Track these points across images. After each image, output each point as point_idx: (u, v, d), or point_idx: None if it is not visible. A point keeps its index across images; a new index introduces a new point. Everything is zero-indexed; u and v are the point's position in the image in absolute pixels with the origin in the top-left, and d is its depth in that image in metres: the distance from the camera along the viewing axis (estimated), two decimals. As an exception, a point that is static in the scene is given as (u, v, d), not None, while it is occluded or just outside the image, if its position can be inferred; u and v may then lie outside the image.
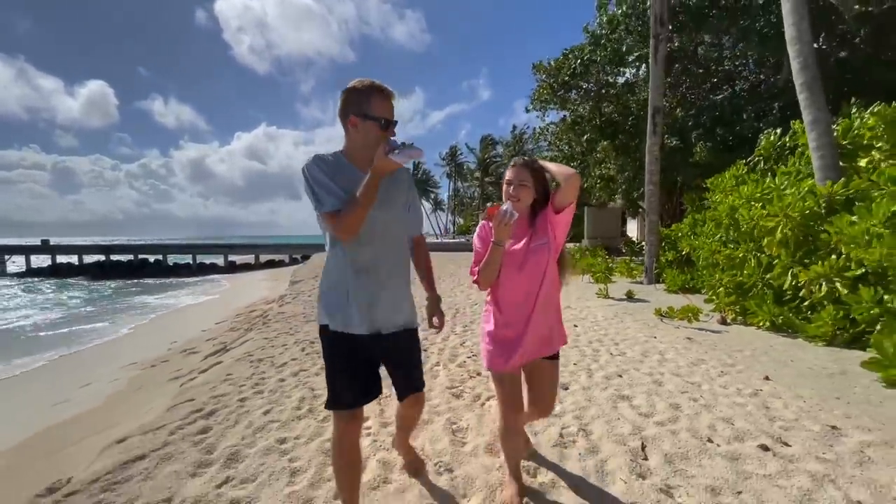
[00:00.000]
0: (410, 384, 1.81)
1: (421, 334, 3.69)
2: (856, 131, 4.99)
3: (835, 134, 5.10)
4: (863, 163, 5.12)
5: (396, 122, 1.62)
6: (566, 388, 3.43)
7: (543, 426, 2.75)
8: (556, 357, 1.96)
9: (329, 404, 1.68)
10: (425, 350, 4.61)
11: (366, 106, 1.56)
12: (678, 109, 11.24)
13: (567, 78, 11.38)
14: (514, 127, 47.06)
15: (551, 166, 1.83)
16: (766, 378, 3.55)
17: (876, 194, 4.36)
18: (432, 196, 60.85)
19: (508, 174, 1.84)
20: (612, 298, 7.85)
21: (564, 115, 12.74)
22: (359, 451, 1.74)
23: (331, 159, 1.61)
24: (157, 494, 2.18)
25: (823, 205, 4.71)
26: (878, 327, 3.68)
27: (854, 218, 4.23)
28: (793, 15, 4.96)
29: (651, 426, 2.73)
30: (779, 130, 7.41)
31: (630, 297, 7.74)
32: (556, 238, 1.81)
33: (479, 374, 3.86)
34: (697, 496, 2.00)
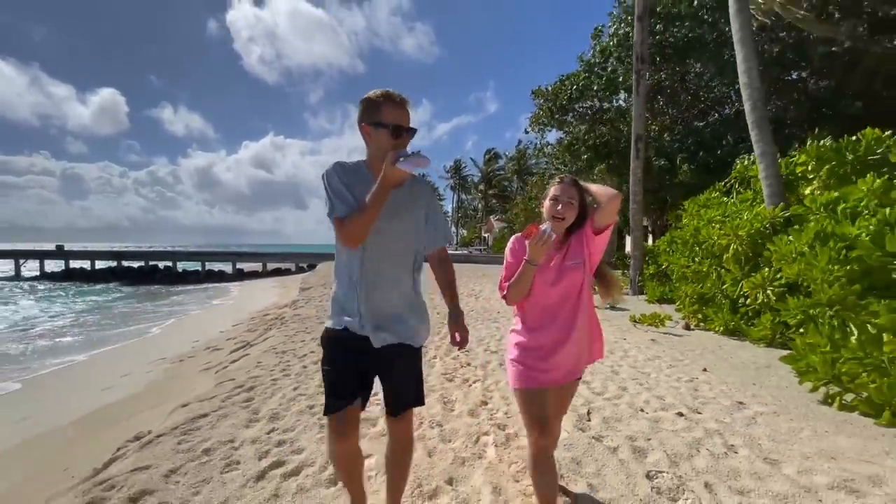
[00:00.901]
0: (402, 400, 1.72)
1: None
2: (795, 164, 5.79)
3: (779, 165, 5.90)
4: (807, 191, 5.90)
5: (414, 129, 1.59)
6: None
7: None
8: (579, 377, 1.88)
9: (326, 409, 1.62)
10: (423, 346, 5.38)
11: (376, 114, 1.54)
12: (666, 134, 12.10)
13: (564, 103, 12.31)
14: (520, 141, 48.13)
15: (592, 187, 1.81)
16: (704, 370, 4.29)
17: (811, 218, 5.13)
18: (436, 208, 61.87)
19: (556, 190, 1.76)
20: (596, 308, 8.59)
21: (561, 137, 13.67)
22: (358, 457, 1.73)
23: (351, 167, 1.61)
24: (223, 437, 2.95)
25: (768, 226, 5.48)
26: (802, 330, 4.42)
27: (790, 238, 5.00)
28: (744, 63, 5.80)
29: (599, 401, 3.49)
30: (751, 156, 8.21)
31: (613, 306, 8.48)
32: (591, 258, 1.78)
33: (469, 364, 4.62)
34: (618, 440, 2.76)
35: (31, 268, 32.95)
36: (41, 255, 33.44)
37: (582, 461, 2.53)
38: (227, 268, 30.95)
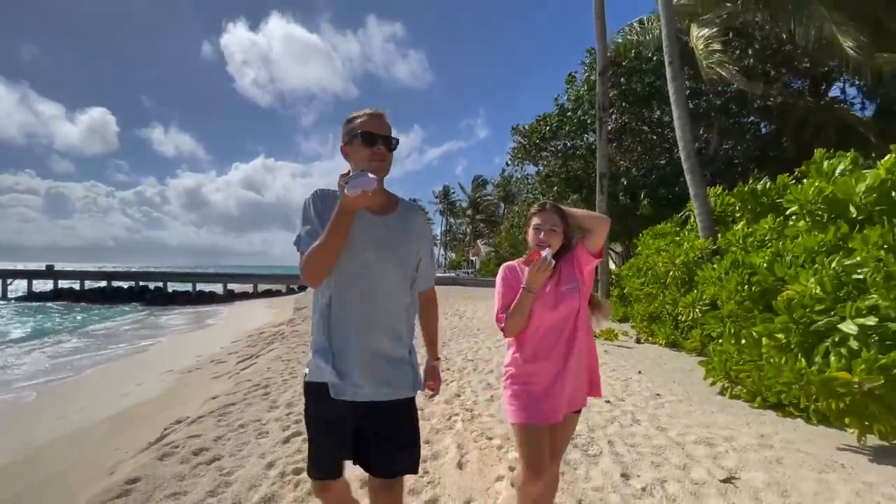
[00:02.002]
0: (390, 465, 1.44)
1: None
2: (725, 204, 6.94)
3: (712, 204, 7.05)
4: (739, 226, 7.01)
5: (393, 139, 1.46)
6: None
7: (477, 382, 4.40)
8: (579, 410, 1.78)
9: (310, 472, 1.49)
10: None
11: (351, 130, 1.45)
12: (633, 169, 13.41)
13: (538, 141, 13.62)
14: (504, 169, 49.88)
15: (578, 212, 1.80)
16: (639, 372, 5.24)
17: (731, 249, 6.21)
18: (426, 231, 63.24)
19: (538, 218, 1.74)
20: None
21: (538, 170, 14.95)
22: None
23: (333, 196, 1.44)
24: (252, 417, 3.79)
25: (701, 255, 6.55)
26: (721, 340, 5.42)
27: (714, 265, 6.06)
28: (679, 121, 7.00)
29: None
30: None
31: (580, 324, 9.45)
32: (584, 283, 1.75)
33: (448, 368, 5.50)
34: (554, 417, 3.67)
35: (16, 288, 32.80)
36: (29, 275, 33.48)
37: (525, 430, 3.43)
38: (217, 289, 31.32)
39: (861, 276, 3.75)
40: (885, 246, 3.92)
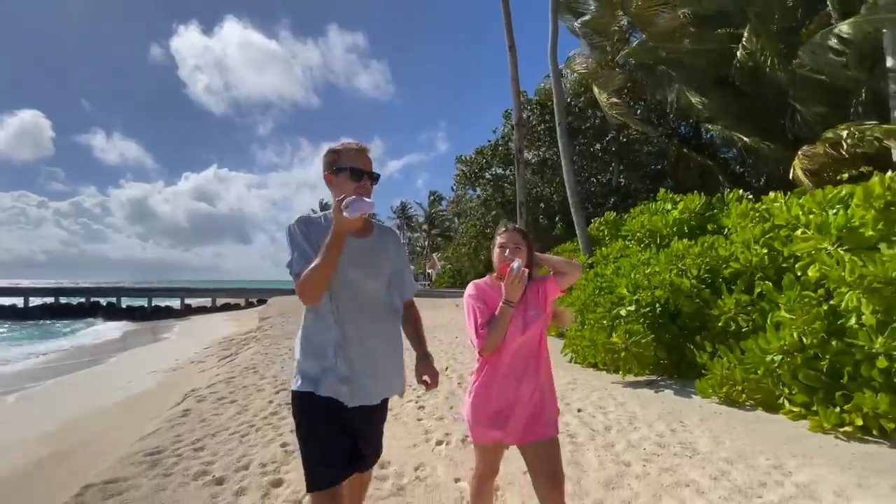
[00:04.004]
0: (370, 455, 1.69)
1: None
2: (598, 230, 9.42)
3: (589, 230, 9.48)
4: (612, 246, 9.42)
5: (376, 174, 1.64)
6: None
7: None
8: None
9: (312, 486, 1.53)
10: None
11: (337, 161, 1.60)
12: (554, 196, 16.00)
13: (477, 170, 16.01)
14: (454, 189, 52.37)
15: (553, 259, 1.92)
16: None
17: (600, 263, 8.56)
18: (384, 245, 64.46)
19: (502, 238, 1.83)
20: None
21: (478, 194, 17.35)
22: None
23: (316, 220, 1.62)
24: (251, 383, 5.54)
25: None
26: (585, 329, 7.67)
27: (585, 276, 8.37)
28: (565, 167, 9.41)
29: (453, 364, 6.40)
30: (595, 221, 11.89)
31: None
32: (546, 310, 1.86)
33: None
34: (451, 381, 5.67)
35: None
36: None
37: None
38: (174, 303, 31.36)
39: (646, 281, 6.06)
40: (670, 261, 6.27)
